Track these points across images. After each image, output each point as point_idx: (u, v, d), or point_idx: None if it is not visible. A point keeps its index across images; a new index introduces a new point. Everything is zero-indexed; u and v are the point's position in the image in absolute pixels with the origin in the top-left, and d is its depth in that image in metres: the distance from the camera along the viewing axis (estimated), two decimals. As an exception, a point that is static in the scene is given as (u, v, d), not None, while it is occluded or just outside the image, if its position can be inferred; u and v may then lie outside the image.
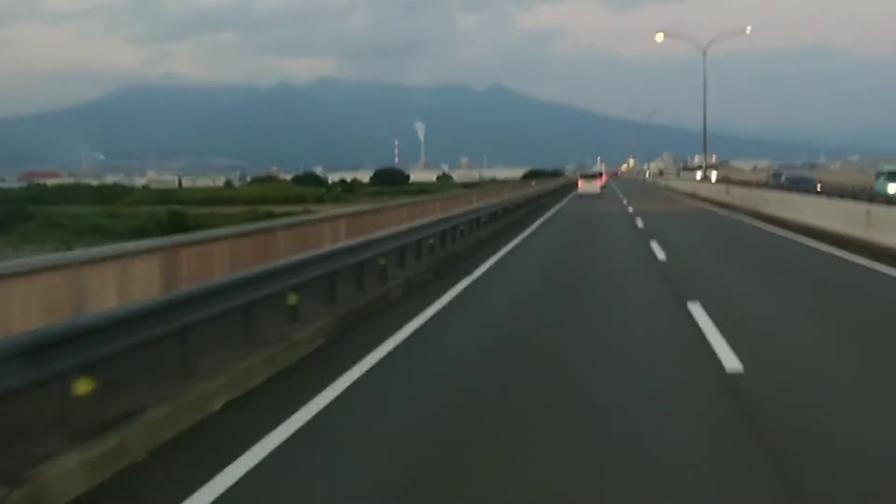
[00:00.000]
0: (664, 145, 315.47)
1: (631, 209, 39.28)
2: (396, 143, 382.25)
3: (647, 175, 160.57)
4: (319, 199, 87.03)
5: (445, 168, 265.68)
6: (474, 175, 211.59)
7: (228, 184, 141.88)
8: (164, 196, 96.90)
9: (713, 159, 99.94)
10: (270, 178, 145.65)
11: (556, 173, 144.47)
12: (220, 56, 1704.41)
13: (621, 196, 58.50)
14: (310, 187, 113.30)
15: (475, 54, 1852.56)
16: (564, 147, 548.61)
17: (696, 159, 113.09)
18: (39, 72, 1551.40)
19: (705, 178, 71.18)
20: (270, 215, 45.93)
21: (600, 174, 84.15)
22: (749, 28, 66.27)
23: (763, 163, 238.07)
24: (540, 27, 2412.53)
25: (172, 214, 58.00)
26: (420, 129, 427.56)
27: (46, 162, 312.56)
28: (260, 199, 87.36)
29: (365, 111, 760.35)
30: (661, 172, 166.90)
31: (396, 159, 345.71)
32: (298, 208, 57.27)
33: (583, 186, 61.93)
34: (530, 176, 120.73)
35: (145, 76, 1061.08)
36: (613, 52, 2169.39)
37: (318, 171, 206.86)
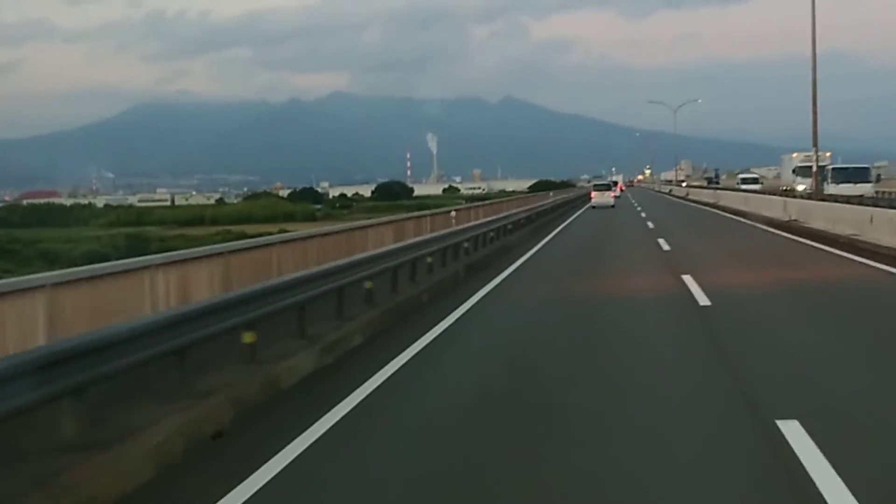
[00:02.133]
0: (680, 153, 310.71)
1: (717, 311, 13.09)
2: (408, 155, 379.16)
3: (683, 185, 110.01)
4: (311, 217, 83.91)
5: (458, 180, 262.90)
6: (481, 187, 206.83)
7: (220, 201, 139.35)
8: (141, 217, 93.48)
9: (827, 159, 63.43)
10: (267, 194, 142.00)
11: (566, 184, 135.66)
12: (232, 72, 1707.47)
13: (652, 228, 34.90)
14: (300, 204, 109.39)
15: (487, 66, 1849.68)
16: (579, 157, 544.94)
17: (795, 157, 69.33)
18: (53, 92, 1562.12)
19: (815, 189, 42.88)
20: (243, 237, 43.06)
21: (615, 183, 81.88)
22: None
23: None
24: (552, 38, 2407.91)
25: (132, 238, 53.89)
26: (432, 141, 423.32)
27: (57, 182, 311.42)
28: (245, 217, 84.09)
29: (378, 125, 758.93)
30: (710, 180, 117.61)
31: (408, 172, 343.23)
32: (274, 228, 53.69)
33: (596, 198, 60.71)
34: (538, 188, 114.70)
35: (159, 94, 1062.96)
36: (627, 62, 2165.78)
37: (325, 185, 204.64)
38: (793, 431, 6.57)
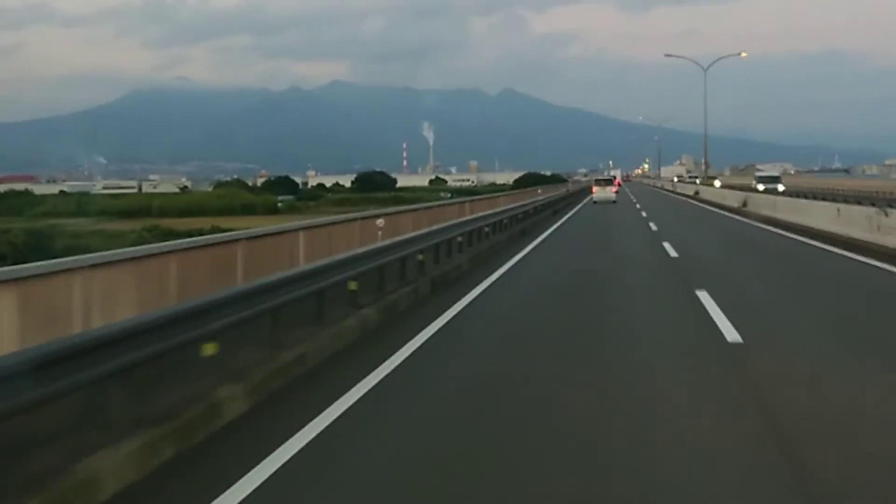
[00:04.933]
0: (679, 149, 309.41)
1: None
2: (405, 146, 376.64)
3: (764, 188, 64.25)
4: (272, 210, 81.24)
5: (454, 171, 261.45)
6: (471, 179, 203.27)
7: (185, 189, 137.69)
8: (81, 206, 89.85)
9: None
10: (239, 183, 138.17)
11: (556, 179, 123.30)
12: (233, 60, 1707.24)
13: None
14: (263, 195, 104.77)
15: (487, 58, 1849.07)
16: (577, 150, 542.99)
17: None
18: (52, 76, 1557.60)
19: None
20: (171, 234, 41.13)
21: (613, 178, 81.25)
22: None
23: (788, 167, 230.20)
24: (552, 31, 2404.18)
25: (33, 235, 49.48)
26: (428, 131, 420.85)
27: (50, 166, 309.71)
28: (197, 209, 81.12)
29: (377, 115, 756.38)
30: None
31: (405, 163, 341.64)
32: (207, 224, 51.06)
33: (598, 192, 59.87)
34: (525, 182, 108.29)
35: (158, 80, 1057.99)
36: (626, 56, 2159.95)
37: (311, 174, 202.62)
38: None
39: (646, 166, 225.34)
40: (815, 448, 5.73)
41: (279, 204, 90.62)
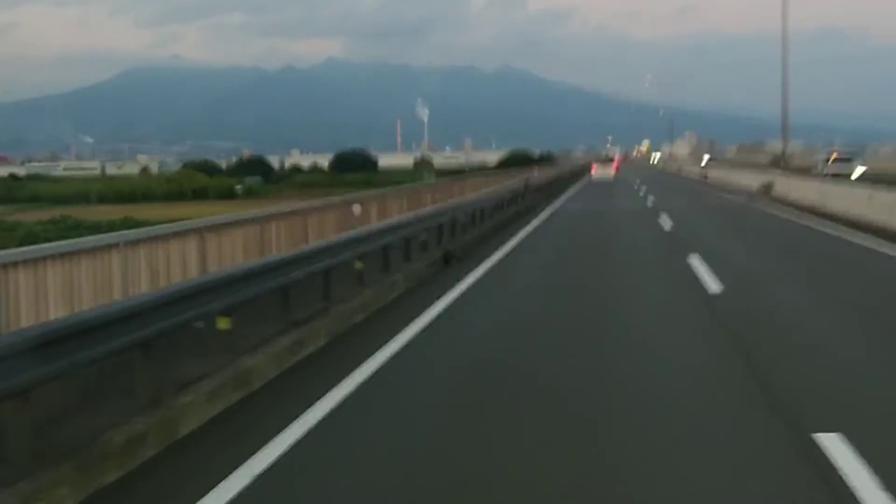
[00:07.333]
0: (679, 128, 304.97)
1: None
2: (398, 124, 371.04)
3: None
4: (228, 195, 75.73)
5: (448, 150, 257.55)
6: (458, 159, 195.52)
7: (144, 170, 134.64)
8: (12, 192, 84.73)
9: None
10: (205, 164, 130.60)
11: (546, 159, 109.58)
12: (227, 38, 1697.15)
13: None
14: (219, 178, 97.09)
15: (484, 35, 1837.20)
16: (574, 129, 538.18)
17: None
18: (45, 56, 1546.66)
19: None
20: (79, 227, 38.80)
21: (611, 159, 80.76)
22: None
23: (797, 144, 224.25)
24: (550, 7, 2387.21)
25: None
26: (422, 110, 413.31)
27: (43, 146, 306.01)
28: (141, 195, 76.03)
29: (372, 92, 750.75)
30: None
31: (399, 140, 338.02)
32: (118, 215, 48.47)
33: (597, 171, 60.94)
34: (510, 163, 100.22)
35: (152, 59, 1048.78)
36: (625, 34, 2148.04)
37: (296, 153, 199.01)
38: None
39: (645, 144, 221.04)
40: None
41: (238, 188, 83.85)
